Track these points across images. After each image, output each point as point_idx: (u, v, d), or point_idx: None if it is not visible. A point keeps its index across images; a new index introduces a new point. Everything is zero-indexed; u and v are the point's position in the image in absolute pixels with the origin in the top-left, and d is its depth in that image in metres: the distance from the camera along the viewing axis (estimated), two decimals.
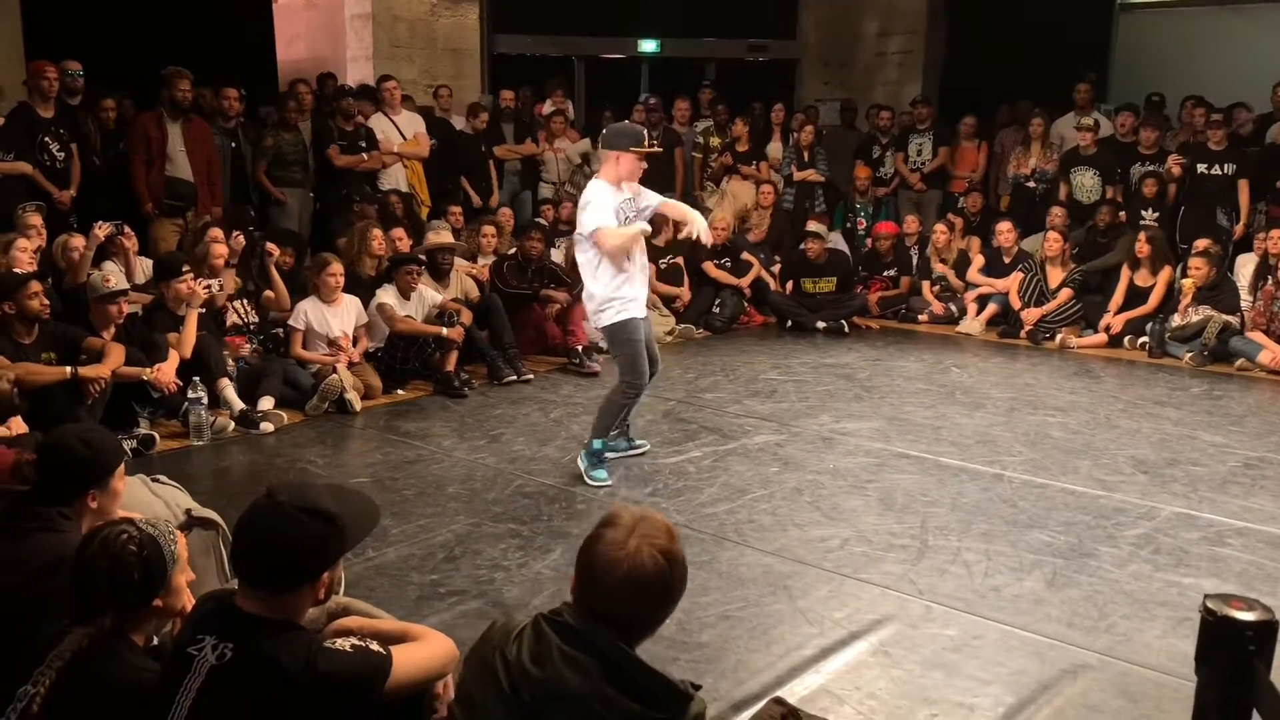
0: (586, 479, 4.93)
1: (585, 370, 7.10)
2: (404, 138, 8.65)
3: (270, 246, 6.58)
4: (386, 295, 6.58)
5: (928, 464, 5.28)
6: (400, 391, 6.52)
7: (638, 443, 5.43)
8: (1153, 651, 3.40)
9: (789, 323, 8.71)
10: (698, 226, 4.90)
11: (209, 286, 5.97)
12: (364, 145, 8.31)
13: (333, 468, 5.24)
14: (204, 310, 5.92)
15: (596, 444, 5.00)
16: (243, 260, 6.51)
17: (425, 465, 5.21)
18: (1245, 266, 7.94)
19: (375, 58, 10.10)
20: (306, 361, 6.25)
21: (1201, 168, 8.46)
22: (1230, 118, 8.82)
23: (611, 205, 4.76)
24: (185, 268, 5.83)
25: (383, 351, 6.58)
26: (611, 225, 4.72)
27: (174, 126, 7.28)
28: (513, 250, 7.83)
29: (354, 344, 6.42)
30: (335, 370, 6.07)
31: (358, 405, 6.08)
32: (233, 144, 7.87)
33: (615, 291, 4.84)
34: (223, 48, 8.71)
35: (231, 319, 6.32)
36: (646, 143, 4.88)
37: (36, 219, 6.14)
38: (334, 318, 6.35)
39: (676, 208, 5.26)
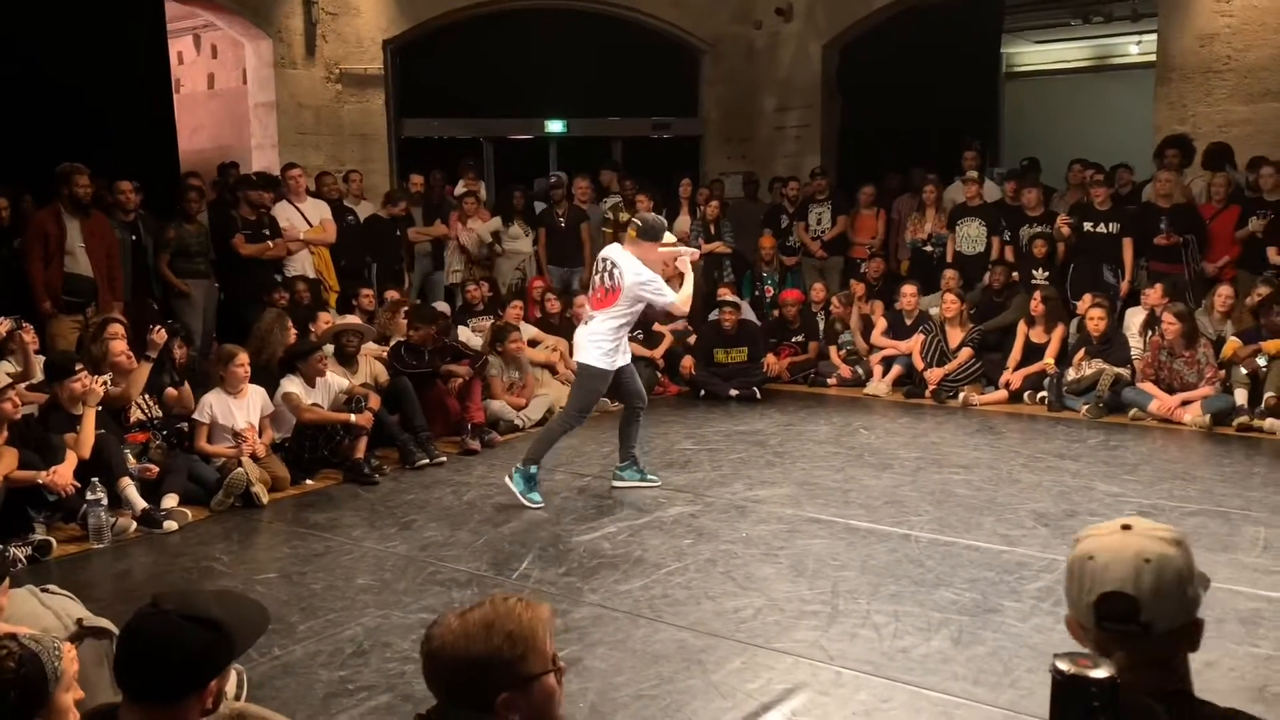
0: (523, 500, 5.69)
1: (467, 449, 7.06)
2: (310, 224, 8.64)
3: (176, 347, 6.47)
4: (292, 385, 6.51)
5: (838, 527, 5.37)
6: (309, 481, 6.42)
7: (650, 476, 6.11)
8: None
9: (702, 392, 8.82)
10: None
11: (104, 382, 5.83)
12: (268, 233, 8.28)
13: (239, 564, 5.12)
14: (100, 408, 5.77)
15: (533, 469, 5.76)
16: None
17: (334, 557, 5.13)
18: (1134, 319, 8.31)
19: (281, 145, 10.13)
20: (212, 456, 6.13)
21: (1088, 226, 8.87)
22: (1113, 178, 9.30)
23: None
24: (78, 365, 5.69)
25: (290, 441, 6.49)
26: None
27: (73, 222, 7.18)
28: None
29: (260, 435, 6.31)
30: (240, 464, 5.96)
31: (265, 498, 5.96)
32: (133, 237, 7.77)
33: (615, 342, 5.75)
34: (123, 140, 8.63)
35: (135, 415, 6.18)
36: (664, 236, 5.83)
37: None
38: (239, 409, 6.25)
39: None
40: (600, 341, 5.77)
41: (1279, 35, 9.20)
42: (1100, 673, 1.39)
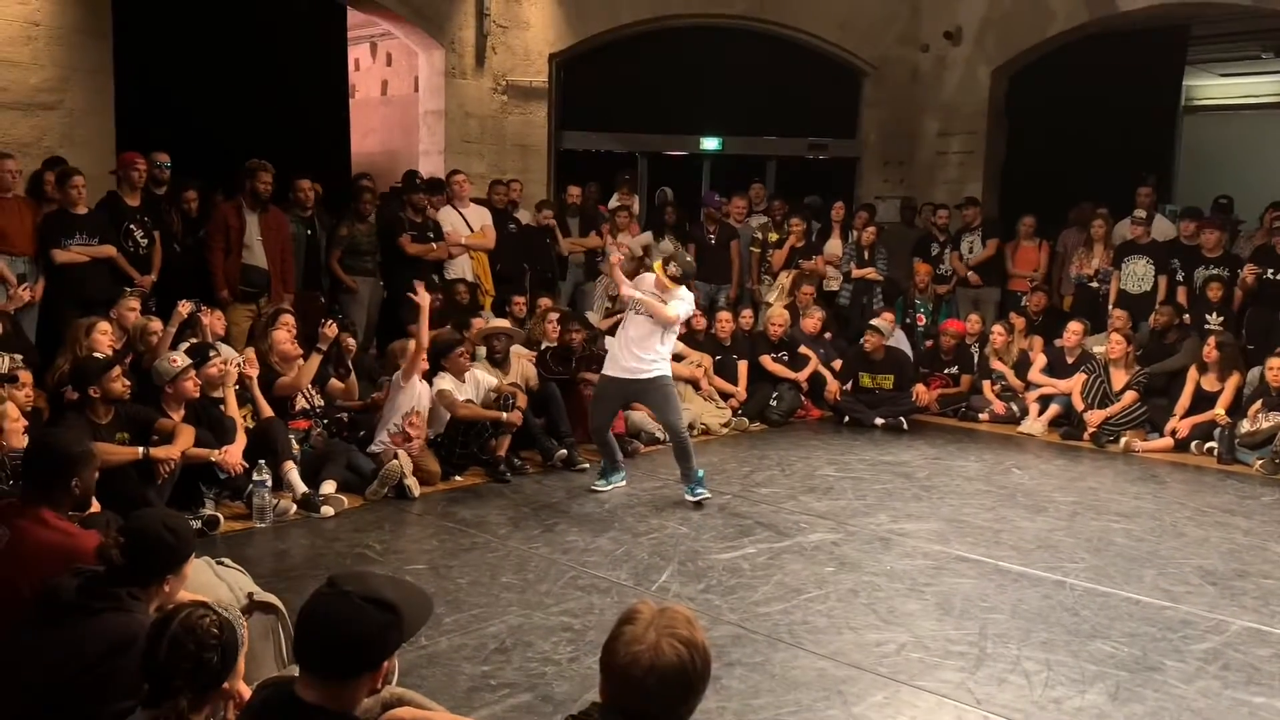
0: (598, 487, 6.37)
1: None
2: (471, 229, 8.90)
3: (344, 337, 6.75)
4: (444, 382, 6.70)
5: (987, 568, 5.19)
6: (458, 478, 6.59)
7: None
8: None
9: (846, 418, 8.67)
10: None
11: (239, 364, 6.11)
12: (432, 236, 8.57)
13: (390, 553, 5.29)
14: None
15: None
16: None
17: (480, 554, 5.25)
18: None
19: (447, 152, 10.46)
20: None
21: (1269, 272, 8.36)
22: None
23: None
24: (212, 352, 5.96)
25: (441, 437, 6.68)
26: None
27: (252, 216, 7.58)
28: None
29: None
30: (396, 455, 6.17)
31: (416, 491, 6.16)
32: (308, 232, 8.15)
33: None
34: (301, 140, 9.08)
35: (300, 403, 6.48)
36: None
37: (134, 303, 6.42)
38: (412, 397, 6.49)
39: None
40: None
41: None
42: None
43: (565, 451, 6.95)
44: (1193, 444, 7.82)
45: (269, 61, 9.17)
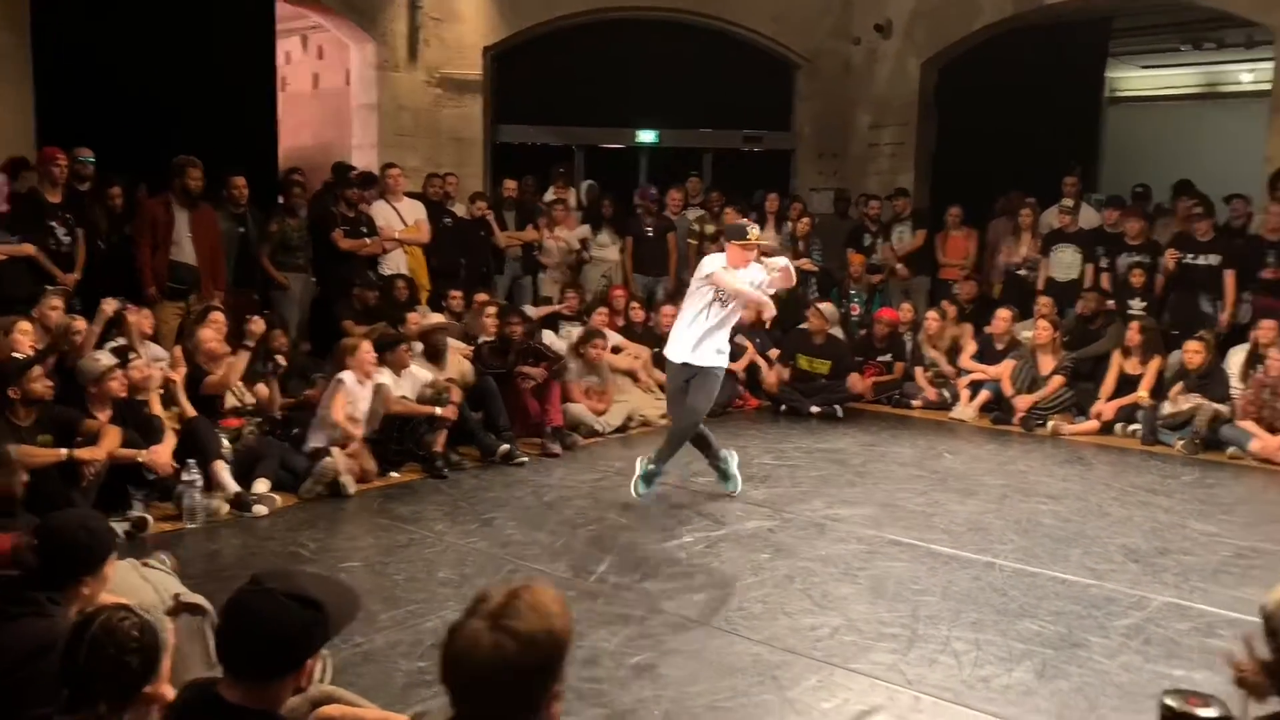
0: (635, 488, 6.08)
1: (548, 451, 7.11)
2: (405, 224, 8.82)
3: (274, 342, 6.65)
4: (382, 376, 6.64)
5: (919, 551, 5.29)
6: (394, 474, 6.54)
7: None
8: None
9: (783, 407, 8.76)
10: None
11: (163, 367, 6.00)
12: (365, 231, 8.48)
13: (324, 552, 5.24)
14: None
15: (654, 468, 6.09)
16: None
17: (417, 549, 5.22)
18: (1235, 356, 8.02)
19: (380, 146, 10.35)
20: (334, 426, 6.25)
21: (1188, 257, 8.61)
22: (1212, 210, 8.99)
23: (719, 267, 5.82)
24: (132, 354, 5.82)
25: (377, 434, 6.62)
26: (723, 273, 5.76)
27: (182, 213, 7.44)
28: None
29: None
30: (330, 453, 6.10)
31: (352, 488, 6.10)
32: (240, 229, 8.02)
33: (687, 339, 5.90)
34: (229, 135, 8.91)
35: (229, 401, 6.38)
36: (751, 235, 5.86)
37: (57, 301, 6.24)
38: (364, 398, 6.40)
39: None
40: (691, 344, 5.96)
41: None
42: (1210, 712, 1.35)
43: (507, 447, 6.91)
44: (1117, 426, 8.03)
45: (196, 54, 8.97)
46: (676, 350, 5.99)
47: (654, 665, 3.90)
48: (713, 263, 5.84)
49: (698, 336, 5.87)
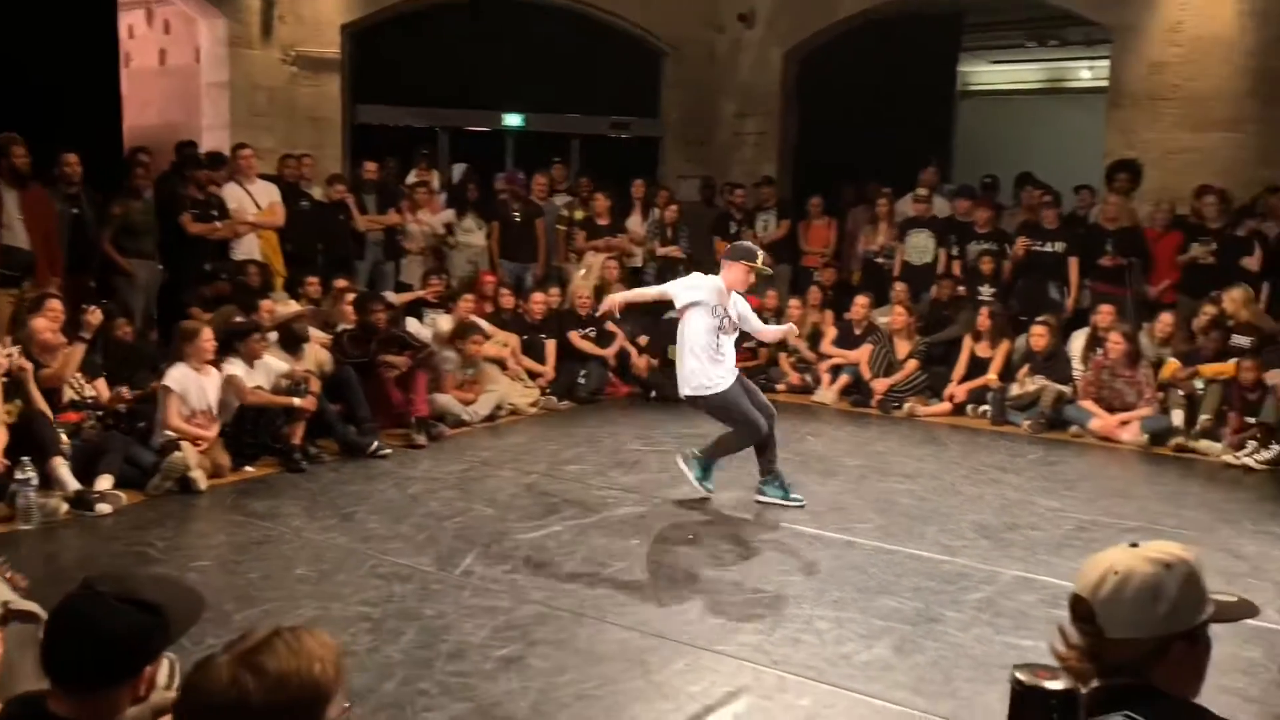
0: (697, 485, 5.77)
1: (413, 443, 6.97)
2: (258, 207, 8.48)
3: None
4: (234, 367, 6.37)
5: (784, 533, 5.39)
6: (249, 469, 6.29)
7: (794, 496, 5.87)
8: (994, 715, 3.49)
9: (653, 394, 8.80)
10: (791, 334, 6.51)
11: (8, 355, 5.63)
12: (216, 214, 8.11)
13: (174, 551, 4.99)
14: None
15: (713, 463, 5.80)
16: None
17: (273, 546, 5.03)
18: (1077, 339, 8.45)
19: (233, 126, 9.91)
20: (173, 430, 5.95)
21: (1036, 245, 9.01)
22: (1059, 199, 9.45)
23: (702, 293, 5.61)
24: None
25: (230, 426, 6.35)
26: (676, 293, 5.71)
27: (10, 193, 6.96)
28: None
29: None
30: (180, 447, 5.81)
31: (203, 484, 5.83)
32: (74, 210, 7.55)
33: (706, 369, 5.64)
34: (67, 112, 8.38)
35: (67, 395, 6.01)
36: (759, 262, 5.69)
37: None
38: (203, 388, 6.11)
39: (771, 333, 6.66)
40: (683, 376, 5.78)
41: (1225, 66, 9.42)
42: (1058, 684, 1.39)
43: (376, 443, 6.71)
44: (968, 407, 8.37)
45: (28, 26, 8.40)
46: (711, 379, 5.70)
47: (522, 656, 3.85)
48: (706, 283, 5.65)
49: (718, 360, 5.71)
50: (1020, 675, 1.43)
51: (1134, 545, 1.70)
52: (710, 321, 5.61)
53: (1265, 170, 9.11)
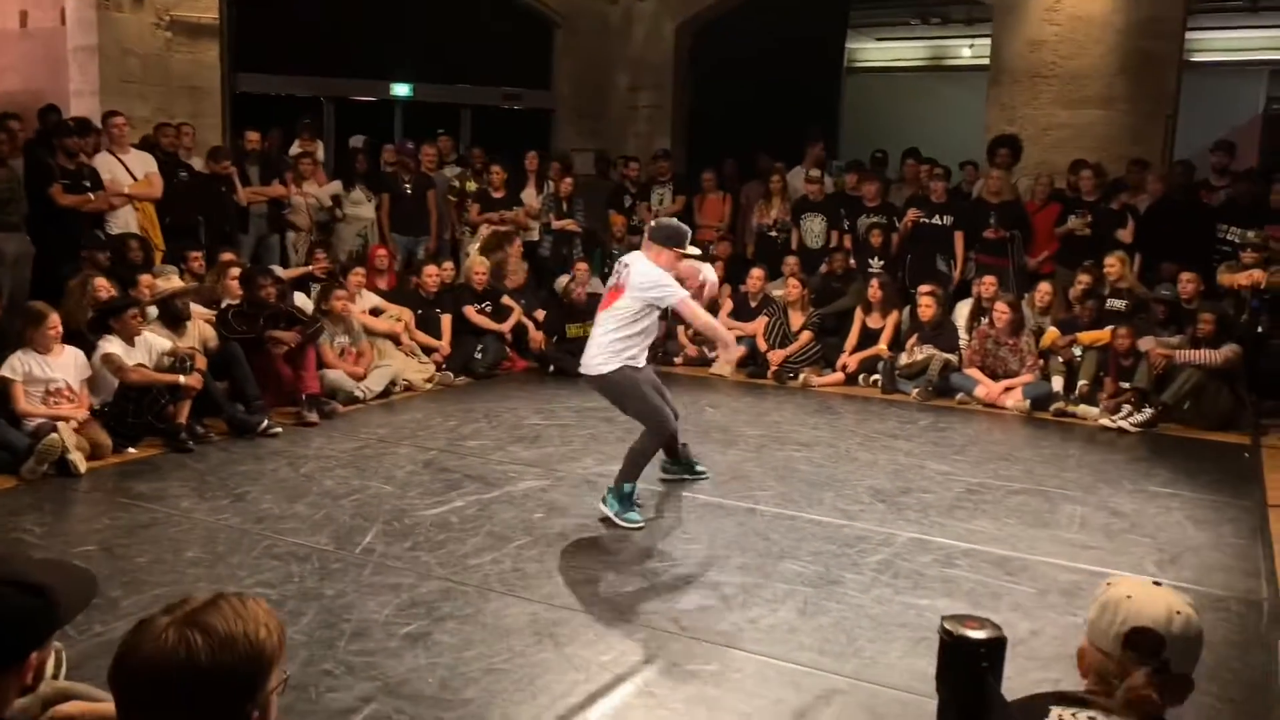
0: (619, 522, 5.00)
1: (305, 421, 6.79)
2: (134, 178, 8.09)
3: None
4: (111, 345, 6.07)
5: (687, 502, 5.42)
6: (132, 450, 6.01)
7: (699, 467, 5.78)
8: (896, 672, 3.60)
9: (551, 368, 8.74)
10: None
11: None
12: (88, 185, 7.70)
13: (53, 537, 4.75)
14: None
15: (627, 487, 5.08)
16: None
17: (161, 529, 4.82)
18: (962, 309, 8.72)
19: (103, 93, 9.41)
20: (29, 417, 5.64)
21: (924, 218, 9.24)
22: (949, 174, 9.71)
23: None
24: None
25: (110, 406, 6.07)
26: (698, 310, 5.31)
27: None
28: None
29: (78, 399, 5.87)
30: (55, 428, 5.52)
31: (82, 466, 5.54)
32: None
33: (620, 352, 5.13)
34: None
35: None
36: (690, 249, 5.26)
37: None
38: (55, 369, 5.80)
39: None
40: (603, 351, 5.16)
41: (1099, 45, 9.80)
42: (984, 633, 1.42)
43: (266, 422, 6.49)
44: (860, 377, 8.56)
45: None
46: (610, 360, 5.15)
47: (428, 633, 3.79)
48: (654, 272, 5.05)
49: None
50: (948, 626, 1.45)
51: (1158, 584, 1.84)
52: (655, 310, 5.16)
53: (1135, 146, 9.55)
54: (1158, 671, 1.70)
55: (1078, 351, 7.89)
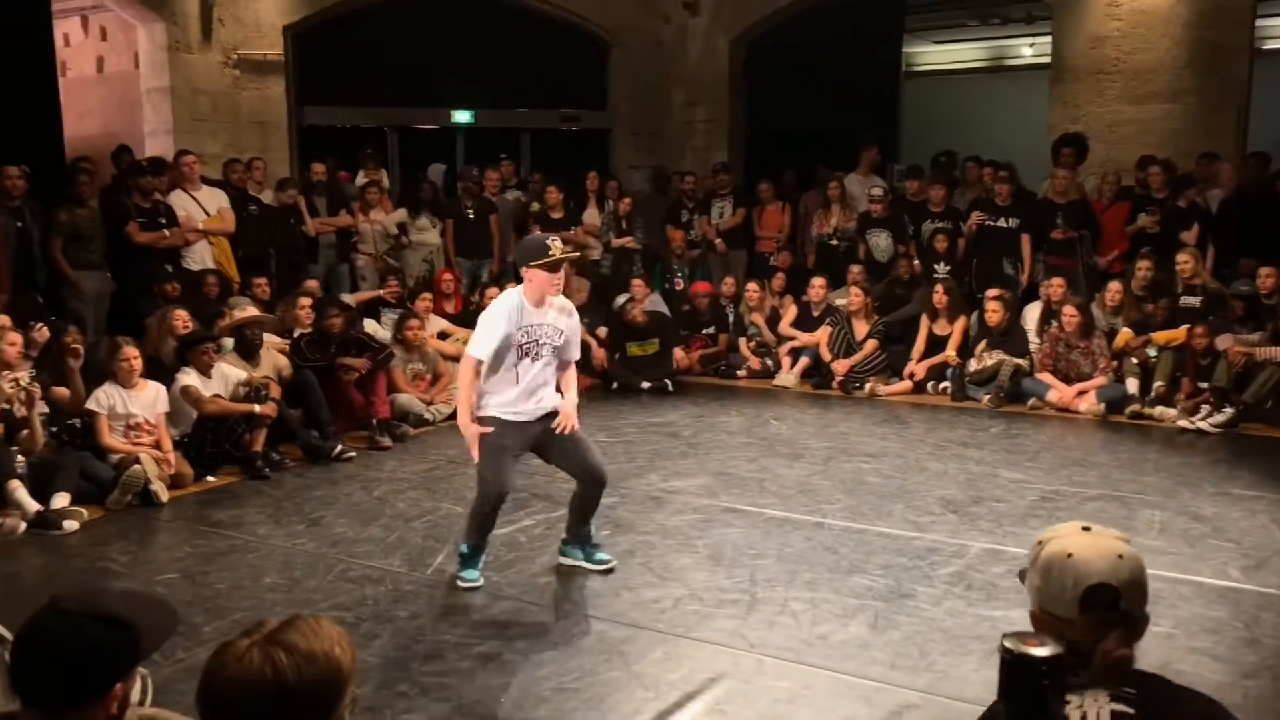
0: (467, 581, 4.48)
1: (377, 445, 6.90)
2: (206, 213, 8.34)
3: (70, 340, 6.09)
4: (188, 377, 6.27)
5: (753, 517, 5.40)
6: (211, 478, 6.19)
7: (599, 556, 4.68)
8: (970, 685, 3.55)
9: (614, 384, 8.79)
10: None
11: (15, 381, 5.49)
12: (164, 221, 7.97)
13: (137, 565, 4.91)
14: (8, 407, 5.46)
15: (464, 547, 4.54)
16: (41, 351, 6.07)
17: (240, 556, 4.95)
18: (1032, 313, 8.56)
19: (176, 131, 9.76)
20: (113, 450, 5.84)
21: (989, 220, 9.10)
22: (1015, 175, 9.55)
23: (503, 329, 4.34)
24: None
25: (189, 436, 6.25)
26: (486, 353, 4.35)
27: None
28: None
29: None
30: (139, 460, 5.71)
31: (164, 496, 5.72)
32: (18, 224, 7.38)
33: (480, 396, 4.45)
34: (5, 125, 8.18)
35: (20, 411, 5.86)
36: (555, 251, 4.35)
37: None
38: (135, 403, 5.99)
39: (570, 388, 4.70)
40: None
41: (1164, 39, 9.57)
42: (1046, 651, 1.41)
43: (339, 447, 6.64)
44: (929, 385, 8.45)
45: None
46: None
47: (499, 653, 3.84)
48: (501, 309, 4.38)
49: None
50: (1008, 644, 1.44)
51: (1086, 529, 1.78)
52: (508, 352, 4.39)
53: (1205, 140, 9.30)
54: (1121, 623, 1.68)
55: (1152, 352, 7.71)
